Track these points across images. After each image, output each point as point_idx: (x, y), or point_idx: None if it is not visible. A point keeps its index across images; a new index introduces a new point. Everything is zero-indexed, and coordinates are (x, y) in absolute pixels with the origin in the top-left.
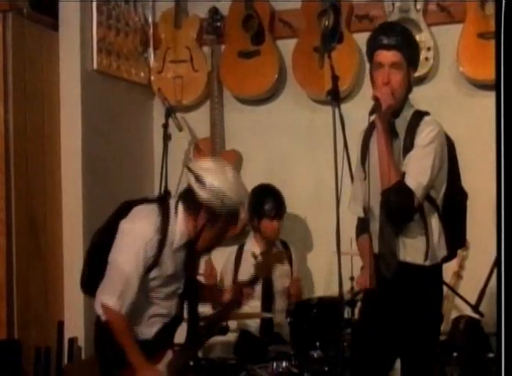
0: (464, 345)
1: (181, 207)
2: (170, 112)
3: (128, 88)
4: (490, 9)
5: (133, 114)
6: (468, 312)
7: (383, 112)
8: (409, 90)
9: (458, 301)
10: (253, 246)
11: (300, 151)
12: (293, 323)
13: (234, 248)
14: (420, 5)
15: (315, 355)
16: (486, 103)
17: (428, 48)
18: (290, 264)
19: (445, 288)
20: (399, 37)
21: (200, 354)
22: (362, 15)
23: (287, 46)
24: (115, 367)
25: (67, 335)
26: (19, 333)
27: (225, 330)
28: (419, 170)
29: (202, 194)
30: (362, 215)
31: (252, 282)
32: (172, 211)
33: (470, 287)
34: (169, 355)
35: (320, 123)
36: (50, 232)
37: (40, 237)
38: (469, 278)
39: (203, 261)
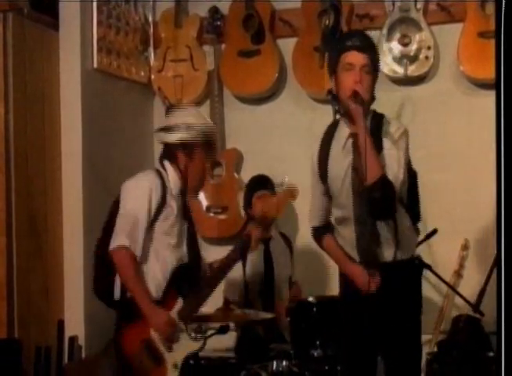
0: (464, 344)
1: (166, 163)
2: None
3: (129, 87)
4: (490, 8)
5: (133, 113)
6: (468, 311)
7: (365, 106)
8: (372, 98)
9: (458, 300)
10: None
11: (300, 150)
12: (293, 322)
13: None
14: (420, 5)
15: (316, 354)
16: (486, 103)
17: (428, 47)
18: (291, 252)
19: (445, 287)
20: (368, 42)
21: (199, 353)
22: (363, 14)
23: (287, 45)
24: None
25: (68, 334)
26: (20, 332)
27: (225, 329)
28: (394, 164)
29: (172, 138)
30: (320, 224)
31: (261, 222)
32: (162, 170)
33: (470, 286)
34: (179, 303)
35: (320, 122)
36: (50, 231)
37: (40, 237)
38: (469, 277)
39: None
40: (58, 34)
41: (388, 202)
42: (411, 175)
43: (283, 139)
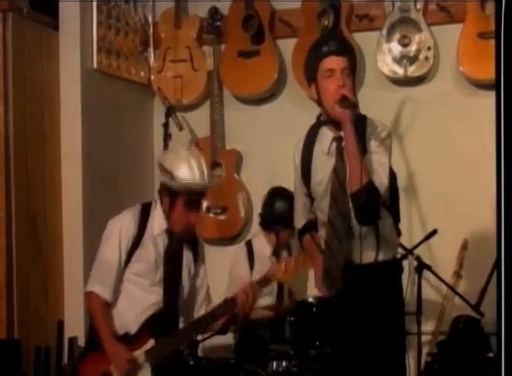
0: (464, 345)
1: (158, 201)
2: (170, 111)
3: (128, 87)
4: (490, 8)
5: (133, 114)
6: (468, 311)
7: (353, 111)
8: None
9: (458, 300)
10: (262, 244)
11: None
12: (292, 323)
13: (238, 246)
14: (420, 5)
15: (315, 354)
16: (486, 103)
17: (428, 48)
18: None
19: (444, 288)
20: (344, 44)
21: (200, 353)
22: (362, 14)
23: (287, 46)
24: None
25: (67, 335)
26: (19, 332)
27: (225, 330)
28: (380, 170)
29: (161, 176)
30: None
31: (262, 283)
32: (153, 207)
33: (470, 287)
34: (151, 342)
35: None
36: (50, 231)
37: (40, 237)
38: (469, 277)
39: None
40: (58, 34)
41: (374, 208)
42: (391, 177)
43: (282, 139)
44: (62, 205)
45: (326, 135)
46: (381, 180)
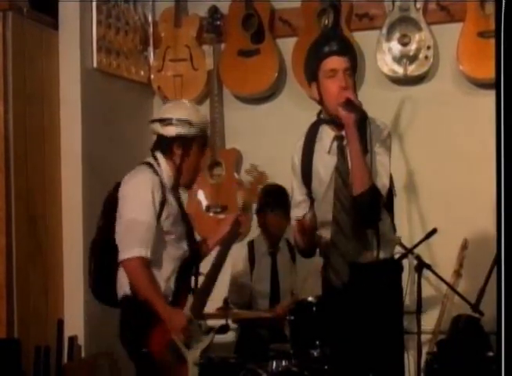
0: (464, 344)
1: (159, 155)
2: None
3: (128, 86)
4: (490, 8)
5: (133, 113)
6: (468, 310)
7: (357, 113)
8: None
9: (458, 299)
10: (261, 243)
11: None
12: (292, 322)
13: (239, 246)
14: (419, 4)
15: (315, 354)
16: (486, 102)
17: (428, 47)
18: (294, 262)
19: (444, 287)
20: (345, 44)
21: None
22: (362, 14)
23: (287, 45)
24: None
25: (67, 334)
26: (19, 332)
27: (225, 329)
28: (381, 171)
29: (171, 132)
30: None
31: (244, 208)
32: (154, 163)
33: (469, 286)
34: (190, 298)
35: None
36: (50, 231)
37: (40, 236)
38: (469, 277)
39: None
40: (57, 33)
41: (376, 211)
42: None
43: (282, 138)
44: (62, 205)
45: (327, 133)
46: (383, 182)
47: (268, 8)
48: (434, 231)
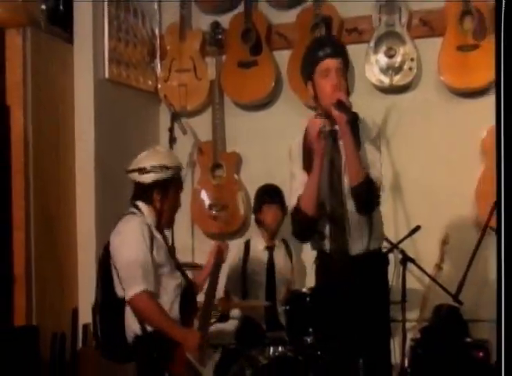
0: (445, 331)
1: (140, 203)
2: (175, 117)
3: (137, 95)
4: (468, 24)
5: (141, 119)
6: (448, 300)
7: (349, 113)
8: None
9: (439, 290)
10: (257, 240)
11: None
12: (288, 311)
13: (236, 243)
14: (404, 20)
15: (309, 340)
16: (464, 109)
17: (412, 59)
18: (291, 258)
19: (427, 279)
20: (339, 47)
21: None
22: (352, 28)
23: (283, 57)
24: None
25: (81, 322)
26: (37, 319)
27: (225, 318)
28: (375, 165)
29: (146, 178)
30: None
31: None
32: (137, 212)
33: (450, 278)
34: (195, 322)
35: None
36: (65, 227)
37: (55, 232)
38: (449, 269)
39: None
40: (72, 46)
41: (372, 199)
42: None
43: (279, 142)
44: (75, 203)
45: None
46: (376, 174)
47: (265, 22)
48: (417, 228)
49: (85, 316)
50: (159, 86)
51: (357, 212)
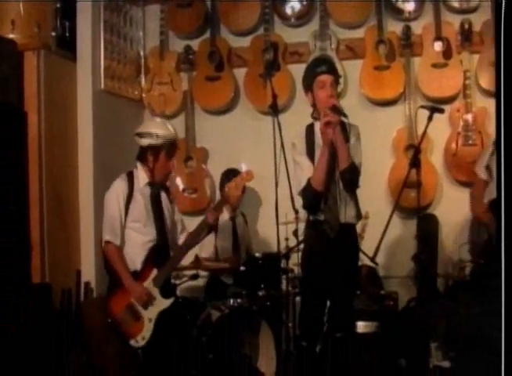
0: (365, 286)
1: (138, 163)
2: None
3: (126, 102)
4: (382, 49)
5: (130, 121)
6: (367, 262)
7: (340, 115)
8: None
9: (361, 254)
10: (224, 212)
11: (250, 148)
12: (245, 271)
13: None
14: (334, 45)
15: (260, 294)
16: (379, 115)
17: (340, 76)
18: (246, 225)
19: None
20: (332, 66)
21: (178, 293)
22: (293, 51)
23: (241, 73)
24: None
25: (83, 280)
26: (50, 278)
27: (196, 277)
28: (359, 155)
29: (144, 143)
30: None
31: (218, 205)
32: (135, 171)
33: (369, 244)
34: (154, 272)
35: (265, 128)
36: (70, 205)
37: (63, 209)
38: (368, 238)
39: None
40: (75, 64)
41: (356, 179)
42: None
43: (237, 140)
44: (78, 188)
45: (317, 126)
46: (359, 161)
47: (226, 46)
48: None
49: (86, 275)
50: (143, 96)
51: (344, 190)
